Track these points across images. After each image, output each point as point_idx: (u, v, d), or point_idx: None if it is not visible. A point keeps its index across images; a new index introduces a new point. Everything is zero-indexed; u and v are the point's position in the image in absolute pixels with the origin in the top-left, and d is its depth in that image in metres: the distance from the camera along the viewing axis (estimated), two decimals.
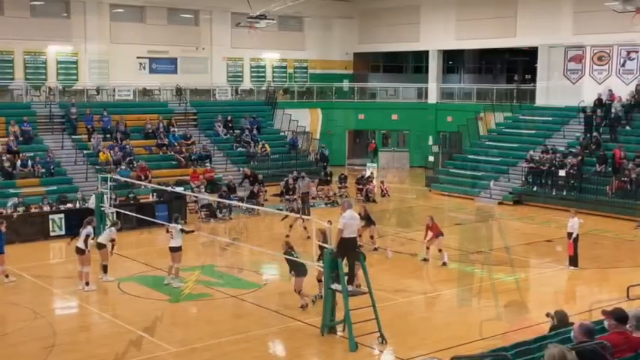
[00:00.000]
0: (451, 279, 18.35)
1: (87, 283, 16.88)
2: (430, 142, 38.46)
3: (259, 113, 37.77)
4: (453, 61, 47.70)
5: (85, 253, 16.90)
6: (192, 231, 17.36)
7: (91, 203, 22.46)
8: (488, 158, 32.58)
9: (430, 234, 19.74)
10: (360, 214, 18.76)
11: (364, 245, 19.78)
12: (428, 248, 19.87)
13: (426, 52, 41.58)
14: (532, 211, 27.87)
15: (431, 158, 35.06)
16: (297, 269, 15.27)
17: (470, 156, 33.75)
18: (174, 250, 17.05)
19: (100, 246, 17.60)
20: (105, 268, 17.64)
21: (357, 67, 44.66)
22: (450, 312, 15.58)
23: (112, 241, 17.77)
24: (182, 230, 17.16)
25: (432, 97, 40.50)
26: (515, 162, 31.23)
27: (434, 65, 40.51)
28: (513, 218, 26.96)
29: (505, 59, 48.43)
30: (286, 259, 15.40)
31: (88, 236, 17.05)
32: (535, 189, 29.34)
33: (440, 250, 19.63)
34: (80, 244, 17.02)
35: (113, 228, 18.08)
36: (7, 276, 17.42)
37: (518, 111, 35.86)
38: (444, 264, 19.27)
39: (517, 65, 47.60)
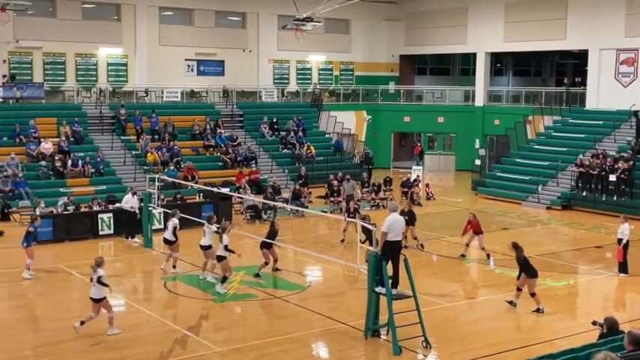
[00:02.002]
0: (497, 284, 18.12)
1: (174, 266, 18.34)
2: (477, 145, 38.05)
3: (305, 115, 37.87)
4: (500, 63, 47.18)
5: (174, 243, 18.20)
6: (234, 252, 17.10)
7: (125, 202, 22.64)
8: (536, 162, 32.12)
9: (470, 230, 20.09)
10: (403, 210, 19.03)
11: (408, 247, 19.74)
12: (467, 245, 20.19)
13: (474, 55, 41.20)
14: (581, 217, 27.36)
15: (477, 162, 34.69)
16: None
17: (517, 160, 33.31)
18: (204, 248, 17.45)
19: (168, 241, 18.39)
20: (175, 261, 18.44)
21: (403, 69, 44.49)
22: (496, 318, 15.37)
23: (175, 229, 18.35)
24: (217, 232, 17.23)
25: (479, 100, 40.08)
26: (564, 166, 30.72)
27: (481, 68, 40.08)
28: (562, 223, 26.49)
29: (554, 62, 47.71)
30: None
31: (175, 227, 18.21)
32: (584, 194, 28.78)
33: (483, 249, 19.92)
34: (168, 235, 18.25)
35: (174, 218, 18.53)
36: (28, 269, 17.88)
37: (567, 114, 35.27)
38: (463, 256, 20.09)
39: (567, 68, 46.86)
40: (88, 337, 13.80)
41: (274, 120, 36.10)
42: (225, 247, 16.47)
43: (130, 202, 22.41)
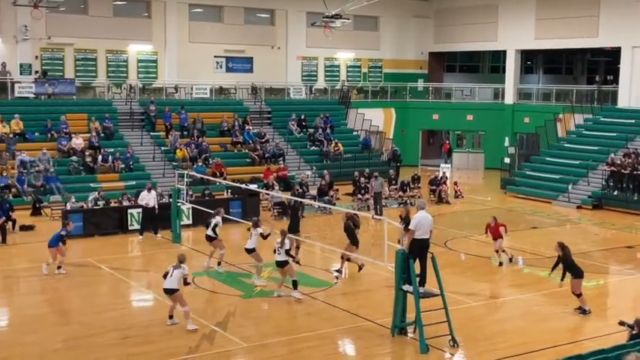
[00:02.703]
0: (525, 283, 17.98)
1: (219, 263, 18.32)
2: (506, 143, 37.74)
3: (333, 112, 37.87)
4: (531, 60, 46.75)
5: (215, 240, 18.24)
6: (269, 234, 17.37)
7: (140, 200, 22.63)
8: (566, 161, 31.79)
9: (490, 234, 19.49)
10: (400, 215, 18.42)
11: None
12: (497, 252, 19.53)
13: (504, 52, 40.86)
14: (612, 216, 27.02)
15: (507, 160, 34.42)
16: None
17: (548, 158, 33.00)
18: (248, 251, 17.21)
19: (209, 237, 18.39)
20: (221, 257, 18.44)
21: (432, 66, 44.27)
22: (524, 317, 15.24)
23: (215, 226, 18.37)
24: (262, 235, 17.19)
25: (509, 98, 39.75)
26: (595, 165, 30.36)
27: (511, 65, 39.73)
28: (592, 223, 26.19)
29: (586, 59, 47.16)
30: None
31: (216, 225, 18.26)
32: (616, 193, 28.41)
33: (497, 252, 19.38)
34: (210, 232, 18.28)
35: (217, 217, 18.44)
36: (59, 267, 17.93)
37: (599, 113, 34.84)
38: (500, 264, 19.24)
39: (598, 65, 46.30)
40: (117, 331, 13.97)
41: (302, 117, 36.15)
42: (287, 252, 16.28)
43: (145, 198, 22.33)
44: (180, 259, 14.35)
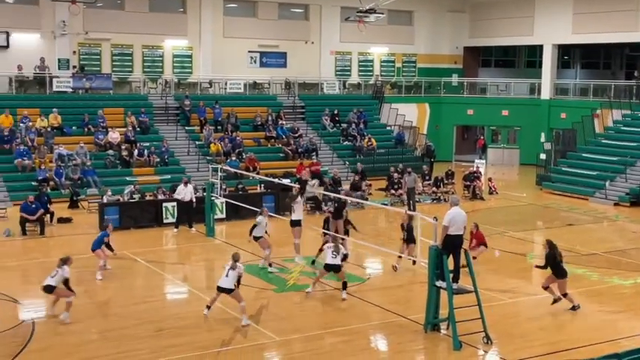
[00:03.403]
0: None
1: (270, 265, 17.87)
2: (542, 139, 37.27)
3: (366, 107, 37.79)
4: (568, 55, 46.09)
5: (260, 239, 17.87)
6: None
7: (177, 194, 22.49)
8: (604, 157, 31.33)
9: (474, 241, 18.40)
10: (402, 224, 17.75)
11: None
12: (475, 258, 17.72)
13: (540, 47, 40.35)
14: None
15: (542, 156, 34.01)
16: None
17: (584, 154, 32.55)
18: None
19: (256, 238, 17.94)
20: (267, 257, 17.95)
21: (467, 61, 43.90)
22: (558, 315, 15.06)
23: (254, 227, 17.91)
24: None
25: (546, 93, 39.25)
26: (633, 162, 29.88)
27: (548, 60, 39.22)
28: (630, 220, 25.76)
29: (625, 54, 46.34)
30: None
31: (255, 226, 17.83)
32: None
33: (475, 258, 17.32)
34: (255, 232, 17.93)
35: (260, 216, 18.00)
36: (104, 266, 17.69)
37: (637, 108, 34.26)
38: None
39: (637, 60, 45.41)
40: (152, 323, 14.13)
41: (335, 112, 36.13)
42: (345, 257, 16.27)
43: (181, 192, 22.45)
44: (235, 258, 14.25)
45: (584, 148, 33.36)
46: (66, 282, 14.26)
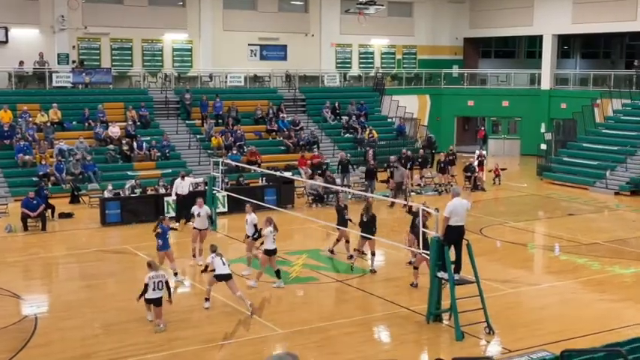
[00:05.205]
0: (562, 270, 17.81)
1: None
2: (543, 129, 37.27)
3: (367, 99, 37.74)
4: (567, 45, 45.99)
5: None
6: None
7: (175, 187, 22.23)
8: (604, 147, 31.34)
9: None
10: (361, 214, 17.24)
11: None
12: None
13: (540, 37, 40.28)
14: None
15: (543, 146, 33.99)
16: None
17: (585, 144, 32.54)
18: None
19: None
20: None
21: (467, 52, 43.84)
22: (561, 305, 15.11)
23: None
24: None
25: (546, 83, 39.21)
26: (633, 151, 29.90)
27: (548, 50, 39.15)
28: (630, 209, 25.78)
29: (624, 43, 46.25)
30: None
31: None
32: None
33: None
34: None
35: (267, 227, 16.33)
36: (175, 274, 16.59)
37: (637, 98, 34.23)
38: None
39: (637, 50, 45.34)
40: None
41: (336, 104, 36.10)
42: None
43: (178, 186, 22.25)
44: (213, 249, 14.37)
45: (585, 137, 33.35)
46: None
